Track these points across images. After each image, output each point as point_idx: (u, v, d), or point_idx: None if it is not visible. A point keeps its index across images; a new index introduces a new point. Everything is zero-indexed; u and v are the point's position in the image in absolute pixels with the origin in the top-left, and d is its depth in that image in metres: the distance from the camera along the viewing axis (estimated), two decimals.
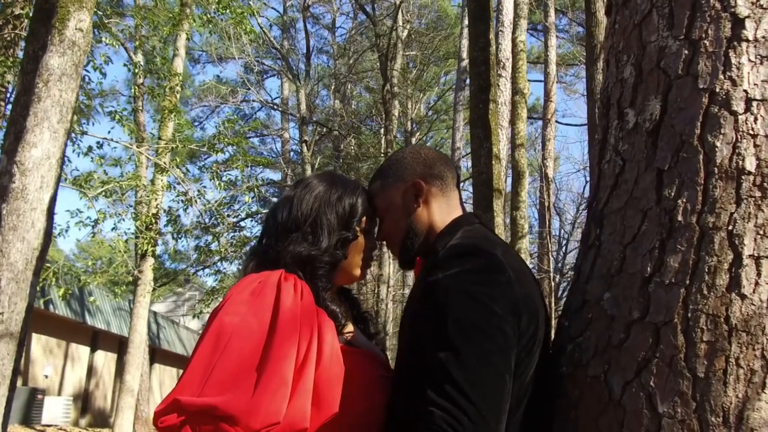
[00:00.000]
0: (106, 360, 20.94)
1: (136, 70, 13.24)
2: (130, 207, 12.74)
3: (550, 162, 15.77)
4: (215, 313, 1.41)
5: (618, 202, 1.50)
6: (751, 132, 1.34)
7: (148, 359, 16.96)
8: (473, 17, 6.22)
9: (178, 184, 12.30)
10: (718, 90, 1.38)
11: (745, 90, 1.36)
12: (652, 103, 1.47)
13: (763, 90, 1.36)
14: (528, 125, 15.25)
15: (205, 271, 21.31)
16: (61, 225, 11.68)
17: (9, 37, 8.12)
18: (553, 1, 16.76)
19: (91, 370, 20.05)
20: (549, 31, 16.35)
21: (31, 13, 6.53)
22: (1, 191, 4.48)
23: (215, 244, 13.60)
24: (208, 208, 12.70)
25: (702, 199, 1.34)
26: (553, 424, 1.45)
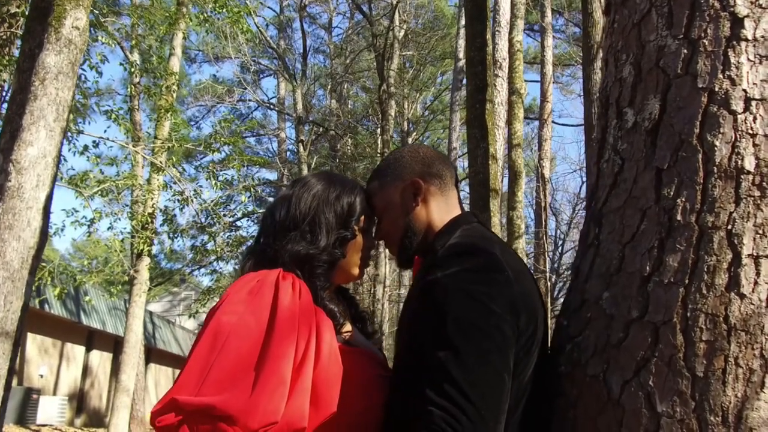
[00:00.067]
0: (101, 360, 20.90)
1: (133, 69, 13.21)
2: (126, 206, 12.72)
3: (546, 162, 15.80)
4: (213, 313, 1.40)
5: (617, 201, 1.49)
6: (750, 131, 1.34)
7: (144, 359, 16.91)
8: (470, 17, 6.22)
9: (174, 183, 12.29)
10: (717, 89, 1.38)
11: (744, 89, 1.36)
12: (651, 103, 1.47)
13: (762, 89, 1.36)
14: (524, 125, 15.28)
15: (201, 270, 21.36)
16: (57, 224, 11.58)
17: (5, 36, 8.10)
18: (549, 2, 16.80)
19: (86, 370, 20.01)
20: (546, 31, 16.39)
21: (27, 12, 6.50)
22: None
23: (211, 243, 13.59)
24: (204, 208, 12.69)
25: (701, 198, 1.34)
26: (552, 423, 1.45)
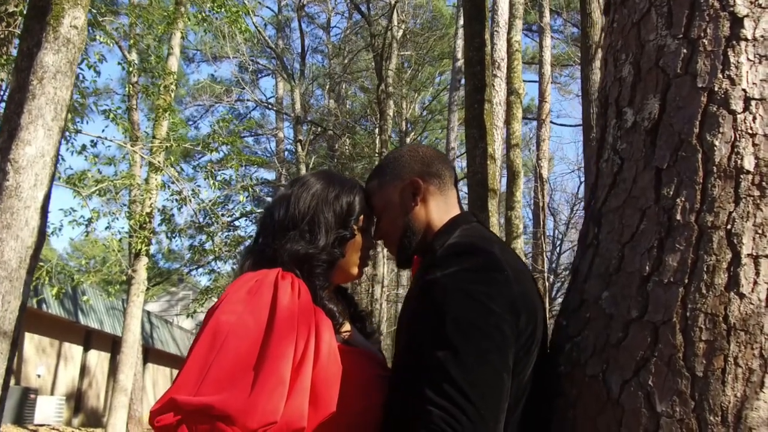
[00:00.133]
0: (99, 359, 20.88)
1: (131, 69, 13.19)
2: (124, 206, 12.72)
3: (544, 162, 15.81)
4: (212, 312, 1.39)
5: (616, 200, 1.49)
6: (749, 131, 1.34)
7: (142, 359, 16.88)
8: (469, 17, 6.22)
9: (172, 183, 12.27)
10: (716, 89, 1.38)
11: (743, 89, 1.36)
12: (651, 102, 1.47)
13: (761, 89, 1.35)
14: (523, 125, 15.28)
15: (199, 270, 21.35)
16: (55, 224, 11.58)
17: (3, 35, 8.08)
18: (548, 2, 16.80)
19: (84, 370, 19.98)
20: (544, 31, 16.39)
21: (25, 11, 6.49)
22: None
23: (209, 243, 13.58)
24: (202, 208, 12.67)
25: (701, 198, 1.34)
26: (551, 423, 1.45)
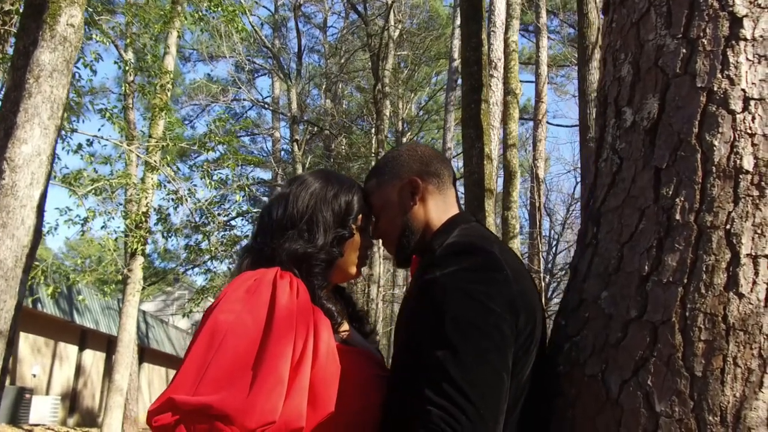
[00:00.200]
0: (94, 359, 20.83)
1: (127, 68, 13.17)
2: (120, 205, 12.68)
3: (540, 162, 15.83)
4: (210, 311, 1.39)
5: (615, 200, 1.49)
6: (749, 131, 1.34)
7: (137, 358, 16.82)
8: (466, 17, 6.22)
9: (169, 182, 12.24)
10: (716, 89, 1.38)
11: (743, 89, 1.36)
12: (650, 102, 1.47)
13: (761, 89, 1.36)
14: (519, 126, 15.27)
15: (195, 270, 21.27)
16: (51, 223, 11.57)
17: None
18: (544, 2, 16.82)
19: (79, 370, 19.93)
20: (540, 31, 16.41)
21: (21, 9, 6.47)
22: None
23: (205, 243, 13.52)
24: (198, 207, 12.64)
25: (700, 197, 1.34)
26: (551, 423, 1.45)
